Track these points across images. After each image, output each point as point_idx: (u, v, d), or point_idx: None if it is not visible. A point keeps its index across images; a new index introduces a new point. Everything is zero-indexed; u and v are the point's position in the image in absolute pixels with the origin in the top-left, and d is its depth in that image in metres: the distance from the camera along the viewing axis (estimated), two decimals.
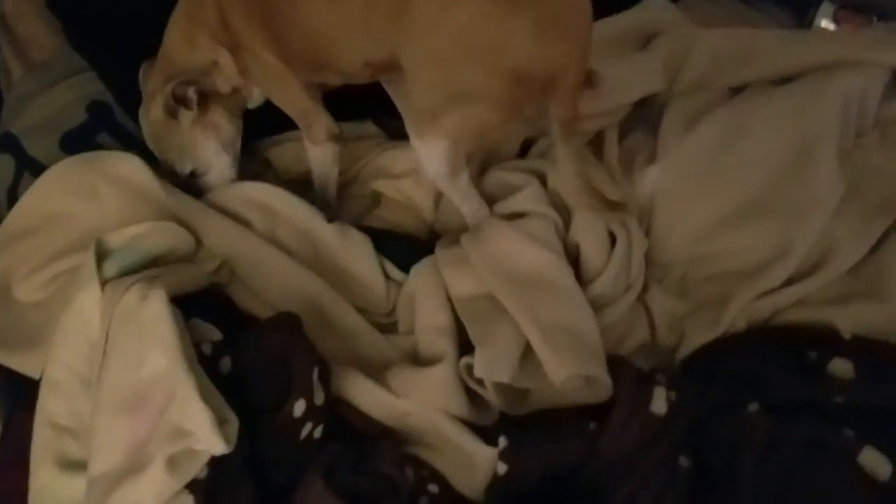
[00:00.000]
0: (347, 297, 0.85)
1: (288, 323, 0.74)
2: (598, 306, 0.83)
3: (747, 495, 0.70)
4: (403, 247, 0.90)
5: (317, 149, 0.91)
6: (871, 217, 0.88)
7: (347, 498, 0.66)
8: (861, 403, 0.76)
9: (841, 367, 0.78)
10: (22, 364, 0.78)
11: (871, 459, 0.70)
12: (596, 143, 0.99)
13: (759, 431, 0.72)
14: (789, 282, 0.85)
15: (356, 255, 0.87)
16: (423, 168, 0.83)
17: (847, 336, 0.80)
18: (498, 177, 0.91)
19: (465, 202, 0.86)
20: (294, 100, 0.89)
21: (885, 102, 0.94)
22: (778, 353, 0.80)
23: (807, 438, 0.72)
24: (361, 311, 0.85)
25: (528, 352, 0.75)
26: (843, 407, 0.75)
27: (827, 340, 0.80)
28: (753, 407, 0.75)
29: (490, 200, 0.89)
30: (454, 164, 0.80)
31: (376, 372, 0.77)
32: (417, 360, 0.81)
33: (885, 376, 0.77)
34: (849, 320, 0.81)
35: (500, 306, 0.77)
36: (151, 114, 0.88)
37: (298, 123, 0.91)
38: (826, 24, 1.04)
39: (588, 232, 0.85)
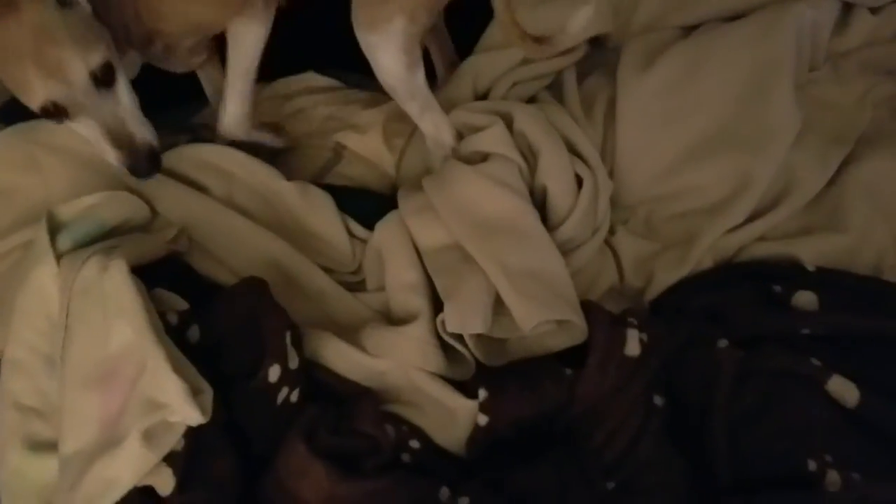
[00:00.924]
0: (312, 257, 0.84)
1: (255, 287, 0.72)
2: (565, 251, 0.82)
3: (720, 429, 0.71)
4: (367, 203, 0.89)
5: (253, 27, 0.84)
6: (827, 149, 0.89)
7: (330, 459, 0.65)
8: (826, 333, 0.77)
9: (805, 298, 0.79)
10: None
11: (840, 386, 0.72)
12: (555, 88, 0.99)
13: (729, 366, 0.74)
14: (752, 217, 0.86)
15: (318, 213, 0.86)
16: (377, 66, 0.81)
17: (810, 268, 0.82)
18: (461, 117, 0.89)
19: (426, 112, 0.85)
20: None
21: (836, 35, 0.94)
22: (744, 289, 0.82)
23: (776, 370, 0.73)
24: (328, 270, 0.84)
25: (501, 302, 0.74)
26: (810, 338, 0.77)
27: (791, 273, 0.82)
28: (723, 343, 0.76)
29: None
30: (411, 53, 0.79)
31: (348, 332, 0.76)
32: (390, 318, 0.80)
33: (849, 305, 0.79)
34: (811, 252, 0.83)
35: (468, 255, 0.76)
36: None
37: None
38: None
39: (555, 175, 0.84)
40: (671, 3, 0.99)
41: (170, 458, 0.62)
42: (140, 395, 0.62)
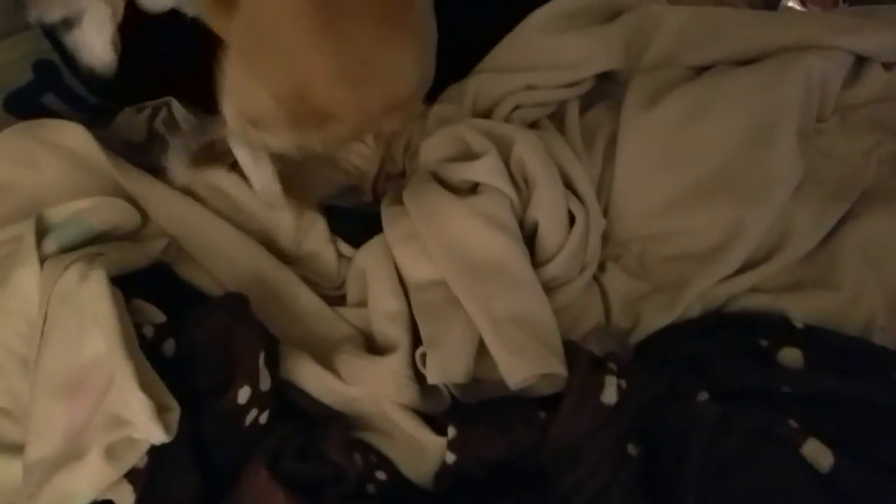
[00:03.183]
0: (297, 270, 0.83)
1: (234, 305, 0.72)
2: (551, 288, 0.82)
3: (692, 483, 0.70)
4: (352, 219, 0.88)
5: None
6: (827, 203, 0.88)
7: (291, 485, 0.65)
8: (807, 393, 0.76)
9: (791, 356, 0.78)
10: None
11: (814, 451, 0.71)
12: (557, 117, 0.98)
13: (706, 421, 0.73)
14: (744, 268, 0.85)
15: (309, 235, 0.86)
16: None
17: (799, 325, 0.81)
18: (459, 134, 0.88)
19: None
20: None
21: (846, 88, 0.93)
22: (731, 341, 0.81)
23: (752, 428, 0.72)
24: (311, 283, 0.83)
25: (484, 342, 0.74)
26: (790, 396, 0.76)
27: (779, 329, 0.81)
28: (703, 396, 0.75)
29: (445, 159, 0.88)
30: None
31: (327, 350, 0.76)
32: (369, 338, 0.79)
33: (833, 366, 0.77)
34: (801, 308, 0.82)
35: (454, 296, 0.76)
36: None
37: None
38: (793, 4, 1.03)
39: (548, 211, 0.83)
40: (684, 42, 0.98)
41: (131, 474, 0.62)
42: (106, 409, 0.62)
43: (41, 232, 0.74)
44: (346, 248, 0.86)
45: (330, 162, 0.92)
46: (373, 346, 0.79)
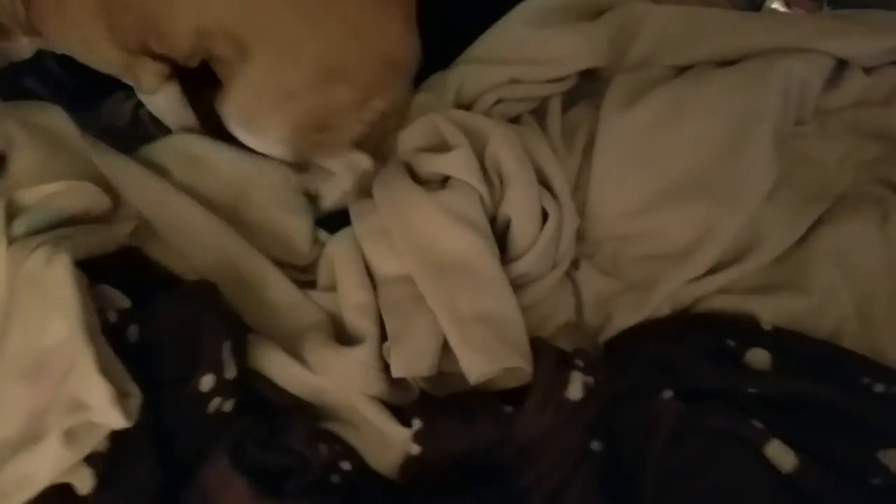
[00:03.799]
0: (267, 249, 0.83)
1: (201, 293, 0.72)
2: (520, 284, 0.82)
3: (651, 482, 0.71)
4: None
5: (155, 97, 0.84)
6: (800, 207, 0.88)
7: (254, 475, 0.65)
8: (773, 394, 0.76)
9: (758, 357, 0.79)
10: None
11: (777, 452, 0.71)
12: (539, 114, 0.98)
13: (669, 419, 0.73)
14: (715, 269, 0.85)
15: (287, 212, 0.86)
16: None
17: (767, 327, 0.81)
18: (434, 124, 0.88)
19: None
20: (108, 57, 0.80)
21: (826, 92, 0.93)
22: (698, 341, 0.81)
23: (715, 428, 0.73)
24: (280, 264, 0.83)
25: None
26: (755, 397, 0.76)
27: (747, 330, 0.81)
28: (667, 394, 0.75)
29: (420, 149, 0.87)
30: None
31: (296, 336, 0.76)
32: (339, 323, 0.79)
33: (801, 369, 0.78)
34: (770, 311, 0.82)
35: (420, 293, 0.76)
36: None
37: (124, 80, 0.83)
38: (777, 6, 1.03)
39: (521, 208, 0.83)
40: (666, 42, 0.98)
41: (91, 458, 0.62)
42: (66, 393, 0.62)
43: (11, 214, 0.74)
44: (323, 234, 0.86)
45: None
46: (342, 332, 0.79)
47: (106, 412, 0.60)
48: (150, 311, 0.71)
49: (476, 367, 0.71)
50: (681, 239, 0.87)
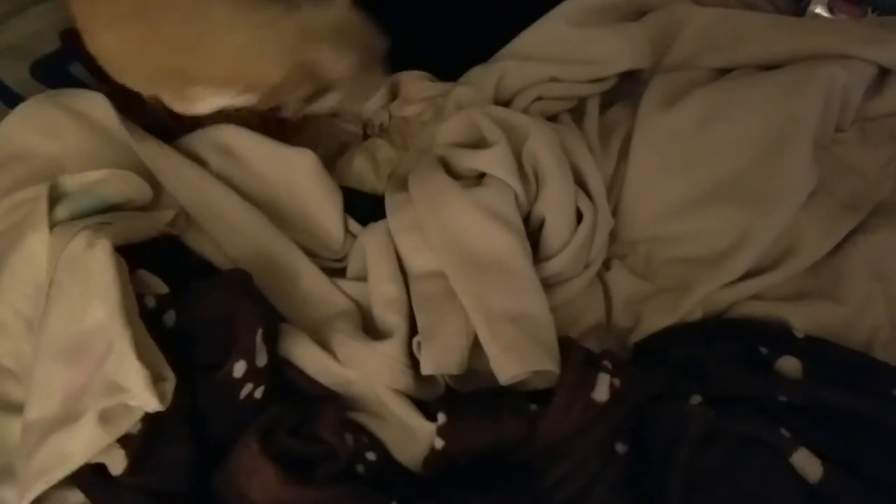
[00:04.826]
0: (300, 240, 0.84)
1: (236, 281, 0.73)
2: (551, 284, 0.82)
3: (678, 486, 0.70)
4: (364, 203, 0.89)
5: None
6: (838, 214, 0.87)
7: (282, 461, 0.66)
8: (803, 403, 0.76)
9: (790, 365, 0.78)
10: None
11: (804, 461, 0.71)
12: (577, 112, 0.98)
13: (697, 424, 0.73)
14: (749, 274, 0.84)
15: (323, 202, 0.86)
16: None
17: (799, 335, 0.80)
18: (473, 120, 0.88)
19: None
20: None
21: (868, 99, 0.92)
22: (729, 346, 0.80)
23: (742, 435, 0.72)
24: (312, 255, 0.84)
25: None
26: (785, 405, 0.76)
27: (779, 337, 0.81)
28: (696, 399, 0.75)
29: (457, 143, 0.88)
30: None
31: (325, 325, 0.77)
32: (367, 313, 0.80)
33: (832, 379, 0.77)
34: (804, 319, 0.81)
35: (452, 288, 0.76)
36: None
37: None
38: (821, 11, 1.01)
39: (556, 208, 0.83)
40: (707, 44, 0.97)
41: (125, 440, 0.63)
42: (104, 375, 0.63)
43: (54, 199, 0.75)
44: (355, 226, 0.87)
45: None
46: (370, 322, 0.79)
47: (141, 395, 0.62)
48: (187, 297, 0.73)
49: (507, 367, 0.71)
50: (716, 243, 0.86)
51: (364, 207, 0.88)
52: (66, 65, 1.00)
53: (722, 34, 0.97)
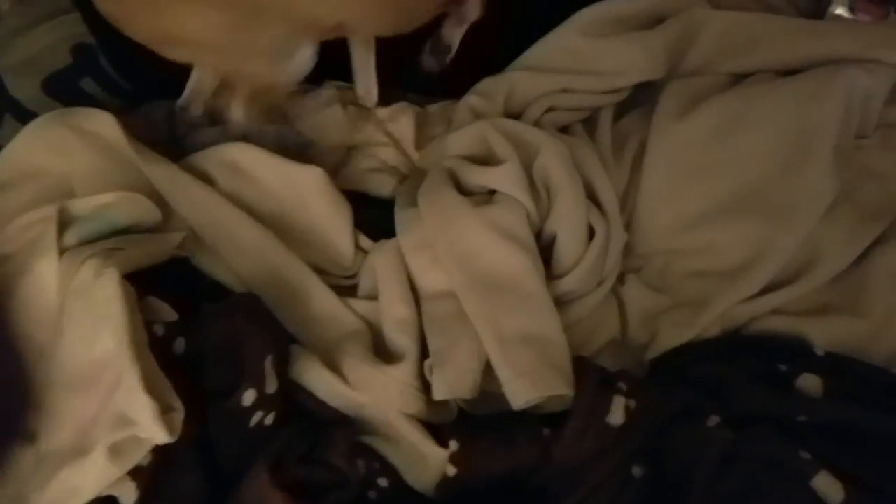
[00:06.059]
0: (310, 258, 0.83)
1: (246, 306, 0.73)
2: (564, 301, 0.81)
3: None
4: (375, 210, 0.89)
5: None
6: (860, 224, 0.85)
7: (293, 489, 0.66)
8: (824, 422, 0.74)
9: (810, 383, 0.76)
10: None
11: (825, 484, 0.69)
12: (589, 123, 0.96)
13: (716, 447, 0.72)
14: (768, 289, 0.82)
15: (331, 217, 0.86)
16: None
17: (820, 352, 0.78)
18: (483, 133, 0.87)
19: None
20: None
21: (890, 104, 0.90)
22: (748, 363, 0.79)
23: (763, 458, 0.71)
24: (322, 273, 0.83)
25: None
26: (806, 425, 0.74)
27: (799, 354, 0.79)
28: (714, 420, 0.74)
29: (466, 157, 0.87)
30: None
31: (336, 347, 0.76)
32: (378, 333, 0.79)
33: (853, 396, 0.75)
34: (824, 335, 0.80)
35: (463, 310, 0.75)
36: None
37: None
38: (842, 11, 0.99)
39: (568, 225, 0.81)
40: (725, 49, 0.95)
41: (135, 472, 0.63)
42: (113, 408, 0.63)
43: (63, 223, 0.75)
44: (365, 242, 0.86)
45: None
46: (381, 342, 0.79)
47: (150, 428, 0.62)
48: (196, 323, 0.72)
49: (521, 393, 0.70)
50: (734, 256, 0.84)
51: (374, 216, 0.87)
52: (78, 80, 1.00)
53: (740, 38, 0.95)
